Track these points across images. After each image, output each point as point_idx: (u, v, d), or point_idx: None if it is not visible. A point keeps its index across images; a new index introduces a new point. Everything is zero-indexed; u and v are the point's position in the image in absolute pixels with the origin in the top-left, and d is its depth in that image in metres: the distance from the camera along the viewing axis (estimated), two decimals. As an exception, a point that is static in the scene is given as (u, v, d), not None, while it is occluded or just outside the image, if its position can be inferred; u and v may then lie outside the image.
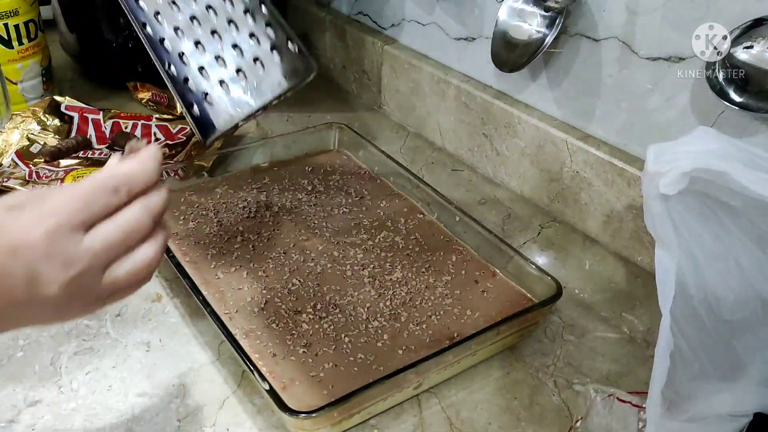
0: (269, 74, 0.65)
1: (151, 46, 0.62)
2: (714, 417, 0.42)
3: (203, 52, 0.64)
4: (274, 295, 0.56)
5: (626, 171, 0.62)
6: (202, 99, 0.63)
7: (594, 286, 0.62)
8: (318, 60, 0.99)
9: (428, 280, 0.59)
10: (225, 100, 0.64)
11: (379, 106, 0.91)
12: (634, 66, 0.61)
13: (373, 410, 0.48)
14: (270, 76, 0.65)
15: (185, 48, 0.63)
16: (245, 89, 0.65)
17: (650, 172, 0.37)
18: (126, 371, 0.51)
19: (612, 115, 0.64)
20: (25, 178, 0.69)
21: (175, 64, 0.63)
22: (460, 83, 0.77)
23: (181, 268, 0.55)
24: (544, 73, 0.69)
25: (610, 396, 0.48)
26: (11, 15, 0.78)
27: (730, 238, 0.39)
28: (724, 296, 0.40)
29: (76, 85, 0.92)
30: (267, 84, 0.65)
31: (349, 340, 0.52)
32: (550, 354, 0.55)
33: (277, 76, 0.66)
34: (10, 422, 0.47)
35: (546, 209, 0.72)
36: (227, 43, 0.64)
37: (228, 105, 0.64)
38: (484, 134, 0.76)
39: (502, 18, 0.66)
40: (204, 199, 0.67)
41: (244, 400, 0.50)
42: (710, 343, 0.40)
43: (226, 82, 0.64)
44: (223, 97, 0.64)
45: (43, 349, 0.53)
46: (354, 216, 0.67)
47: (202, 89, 0.63)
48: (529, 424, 0.49)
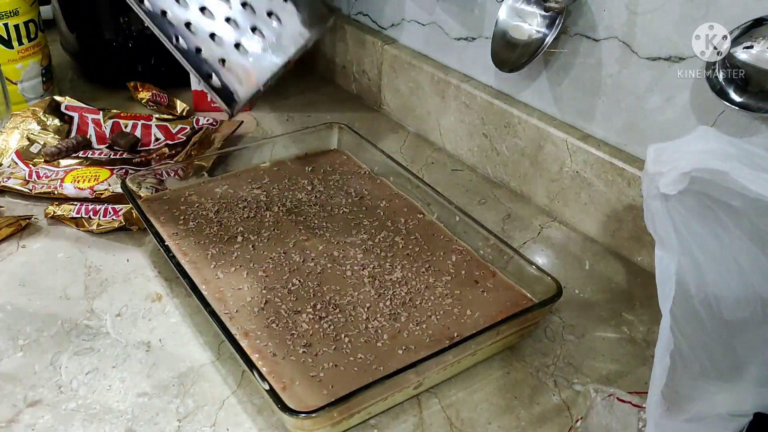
0: (287, 26, 0.61)
1: (154, 21, 0.58)
2: (714, 417, 0.42)
3: (211, 18, 0.60)
4: (274, 295, 0.56)
5: (626, 171, 0.62)
6: (219, 67, 0.59)
7: (594, 286, 0.62)
8: (319, 57, 0.99)
9: (428, 280, 0.59)
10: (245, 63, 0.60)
11: (379, 106, 0.91)
12: (634, 66, 0.61)
13: (373, 410, 0.48)
14: (288, 28, 0.61)
15: (191, 16, 0.59)
16: (264, 47, 0.61)
17: (650, 172, 0.37)
18: (126, 371, 0.51)
19: (612, 115, 0.64)
20: (25, 178, 0.70)
21: (182, 35, 0.59)
22: (460, 83, 0.77)
23: (181, 268, 0.55)
24: (544, 73, 0.69)
25: (610, 396, 0.48)
26: (11, 15, 0.78)
27: (730, 238, 0.39)
28: (724, 296, 0.40)
29: (76, 85, 0.92)
30: (287, 37, 0.61)
31: (349, 340, 0.52)
32: (550, 354, 0.55)
33: (296, 26, 0.62)
34: (10, 422, 0.47)
35: (546, 209, 0.72)
36: (236, 2, 0.61)
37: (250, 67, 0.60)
38: (484, 134, 0.76)
39: (502, 18, 0.66)
40: (204, 199, 0.67)
41: (244, 400, 0.50)
42: (710, 343, 0.40)
43: (242, 44, 0.60)
44: (241, 60, 0.60)
45: (43, 349, 0.53)
46: (354, 216, 0.67)
47: (217, 56, 0.59)
48: (529, 424, 0.49)
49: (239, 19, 0.61)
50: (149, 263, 0.62)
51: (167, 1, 0.59)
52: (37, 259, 0.62)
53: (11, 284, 0.59)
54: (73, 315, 0.56)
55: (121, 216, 0.65)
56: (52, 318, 0.55)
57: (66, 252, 0.63)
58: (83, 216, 0.65)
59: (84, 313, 0.56)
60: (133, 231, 0.65)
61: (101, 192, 0.67)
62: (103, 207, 0.66)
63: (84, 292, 0.58)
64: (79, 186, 0.68)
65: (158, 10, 0.59)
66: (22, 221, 0.65)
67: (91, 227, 0.64)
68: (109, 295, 0.58)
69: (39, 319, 0.55)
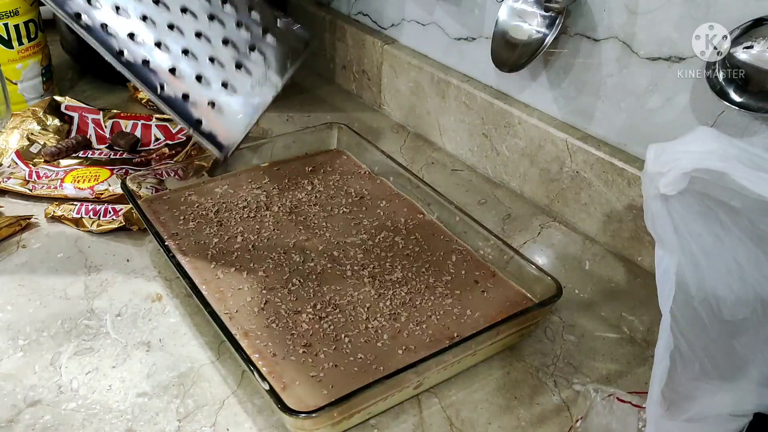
0: (271, 60, 0.60)
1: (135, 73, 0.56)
2: (714, 417, 0.42)
3: (195, 60, 0.58)
4: (274, 295, 0.56)
5: (626, 171, 0.62)
6: (209, 110, 0.57)
7: (594, 286, 0.62)
8: (319, 57, 0.99)
9: (428, 280, 0.59)
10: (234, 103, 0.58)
11: (379, 106, 0.91)
12: (634, 66, 0.61)
13: (373, 410, 0.48)
14: (273, 61, 0.60)
15: (174, 61, 0.57)
16: (252, 83, 0.60)
17: (650, 172, 0.37)
18: (126, 371, 0.51)
19: (612, 115, 0.64)
20: (25, 178, 0.70)
21: (167, 83, 0.57)
22: (460, 83, 0.77)
23: (181, 268, 0.55)
24: (544, 73, 0.69)
25: (610, 396, 0.48)
26: (11, 15, 0.78)
27: (730, 238, 0.39)
28: (724, 296, 0.40)
29: (76, 85, 0.92)
30: (273, 70, 0.60)
31: (349, 340, 0.52)
32: (550, 354, 0.55)
33: (280, 58, 0.60)
34: (10, 422, 0.47)
35: (546, 209, 0.72)
36: (217, 41, 0.59)
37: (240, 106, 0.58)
38: (484, 134, 0.76)
39: (502, 18, 0.66)
40: (204, 199, 0.67)
41: (244, 400, 0.50)
42: (710, 343, 0.40)
43: (230, 82, 0.58)
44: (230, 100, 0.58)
45: (43, 349, 0.53)
46: (354, 216, 0.67)
47: (206, 99, 0.57)
48: (529, 424, 0.49)
49: (223, 58, 0.59)
50: (149, 263, 0.62)
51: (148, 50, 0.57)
52: (37, 259, 0.62)
53: (11, 284, 0.59)
54: (73, 315, 0.56)
55: (121, 216, 0.65)
56: (52, 318, 0.56)
57: (66, 252, 0.63)
58: (83, 216, 0.65)
59: (84, 313, 0.56)
60: (133, 231, 0.65)
61: (101, 192, 0.67)
62: (103, 207, 0.66)
63: (84, 292, 0.58)
64: (79, 186, 0.68)
65: (139, 60, 0.57)
66: (22, 221, 0.65)
67: (91, 227, 0.64)
68: (109, 295, 0.58)
69: (39, 319, 0.55)
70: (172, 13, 0.58)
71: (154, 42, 0.57)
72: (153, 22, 0.57)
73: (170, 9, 0.58)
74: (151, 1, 0.58)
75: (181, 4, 0.59)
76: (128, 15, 0.57)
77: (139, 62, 0.57)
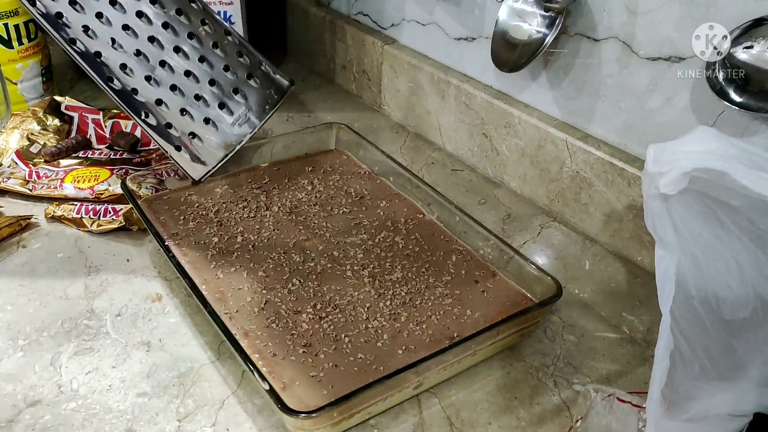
0: (253, 102, 0.66)
1: (124, 100, 0.61)
2: (714, 417, 0.42)
3: (181, 96, 0.62)
4: (274, 295, 0.56)
5: (626, 171, 0.62)
6: (188, 140, 0.63)
7: (594, 286, 0.62)
8: (319, 57, 0.99)
9: (428, 280, 0.59)
10: (213, 137, 0.64)
11: (379, 106, 0.91)
12: (634, 66, 0.61)
13: (373, 410, 0.48)
14: (254, 104, 0.66)
15: (162, 94, 0.61)
16: (233, 121, 0.65)
17: (650, 172, 0.37)
18: (126, 371, 0.51)
19: (612, 115, 0.64)
20: (25, 178, 0.70)
21: (153, 112, 0.62)
22: (460, 83, 0.77)
23: (181, 268, 0.55)
24: (544, 73, 0.69)
25: (610, 396, 0.48)
26: (11, 15, 0.78)
27: (730, 238, 0.39)
28: (724, 296, 0.40)
29: (76, 85, 0.92)
30: (254, 112, 0.66)
31: (349, 340, 0.52)
32: (550, 354, 0.55)
33: (261, 101, 0.66)
34: (10, 422, 0.47)
35: (546, 209, 0.72)
36: (204, 81, 0.64)
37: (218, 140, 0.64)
38: (484, 134, 0.76)
39: (502, 18, 0.66)
40: (204, 199, 0.67)
41: (244, 400, 0.50)
42: (710, 343, 0.40)
43: (212, 119, 0.63)
44: (210, 135, 0.63)
45: (43, 349, 0.53)
46: (354, 216, 0.67)
47: (187, 131, 0.63)
48: (529, 424, 0.49)
49: (208, 97, 0.64)
50: (149, 263, 0.62)
51: (138, 81, 0.61)
52: (37, 259, 0.62)
53: (11, 284, 0.59)
54: (73, 315, 0.56)
55: (121, 216, 0.65)
56: (52, 318, 0.56)
57: (66, 252, 0.63)
58: (83, 216, 0.65)
59: (84, 313, 0.56)
60: (133, 231, 0.65)
61: (101, 192, 0.67)
62: (103, 207, 0.66)
63: (84, 292, 0.58)
64: (79, 186, 0.68)
65: (129, 89, 0.61)
66: (22, 221, 0.65)
67: (91, 227, 0.64)
68: (109, 295, 0.58)
69: (39, 319, 0.55)
70: (165, 52, 0.63)
71: (144, 75, 0.62)
72: (146, 57, 0.62)
73: (164, 48, 0.63)
74: (146, 38, 0.63)
75: (175, 44, 0.63)
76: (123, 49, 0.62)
77: (128, 90, 0.62)
